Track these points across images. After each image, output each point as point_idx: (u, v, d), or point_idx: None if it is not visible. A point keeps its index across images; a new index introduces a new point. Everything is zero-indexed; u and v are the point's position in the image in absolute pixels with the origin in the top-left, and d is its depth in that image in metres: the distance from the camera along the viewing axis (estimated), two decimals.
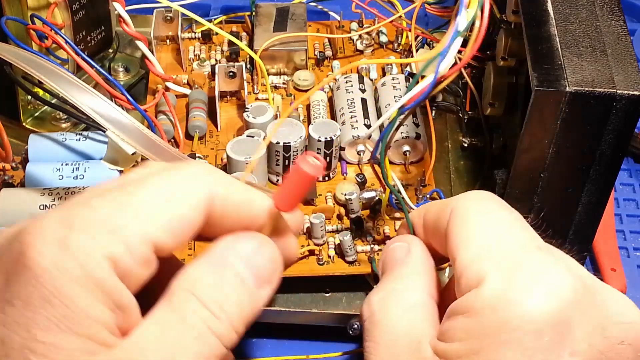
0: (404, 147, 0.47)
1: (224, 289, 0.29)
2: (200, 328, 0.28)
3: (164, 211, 0.28)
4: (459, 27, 0.33)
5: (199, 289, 0.28)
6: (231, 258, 0.30)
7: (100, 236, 0.27)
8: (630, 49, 0.35)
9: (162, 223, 0.28)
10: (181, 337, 0.28)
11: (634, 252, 0.52)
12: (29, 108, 0.51)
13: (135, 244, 0.27)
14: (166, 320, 0.28)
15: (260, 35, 0.52)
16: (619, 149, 0.35)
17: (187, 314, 0.28)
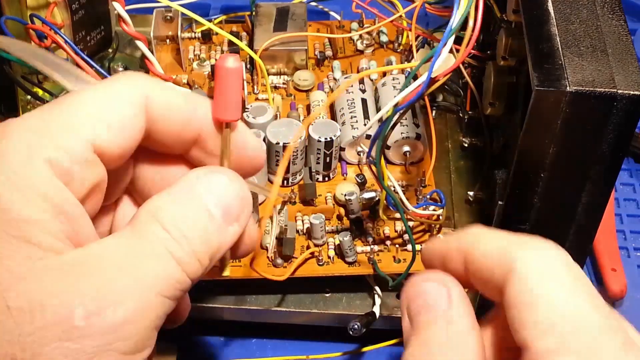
0: (404, 147, 0.47)
1: (188, 217, 0.28)
2: (160, 249, 0.27)
3: (99, 110, 0.27)
4: (452, 26, 0.33)
5: (163, 214, 0.27)
6: (199, 190, 0.28)
7: (36, 141, 0.26)
8: (630, 49, 0.35)
9: (98, 121, 0.27)
10: (139, 254, 0.27)
11: (634, 252, 0.52)
12: (28, 108, 0.51)
13: (73, 146, 0.27)
14: (126, 237, 0.27)
15: (260, 35, 0.52)
16: (619, 149, 0.35)
17: (147, 234, 0.27)
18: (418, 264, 0.43)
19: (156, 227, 0.27)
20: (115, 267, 0.26)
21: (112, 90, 0.28)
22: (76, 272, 0.26)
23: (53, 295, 0.25)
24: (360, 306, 0.44)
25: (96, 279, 0.26)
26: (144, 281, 0.26)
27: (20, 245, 0.25)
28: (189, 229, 0.28)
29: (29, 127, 0.27)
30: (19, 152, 0.26)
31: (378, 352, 0.45)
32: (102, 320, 0.25)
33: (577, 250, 0.39)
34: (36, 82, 0.49)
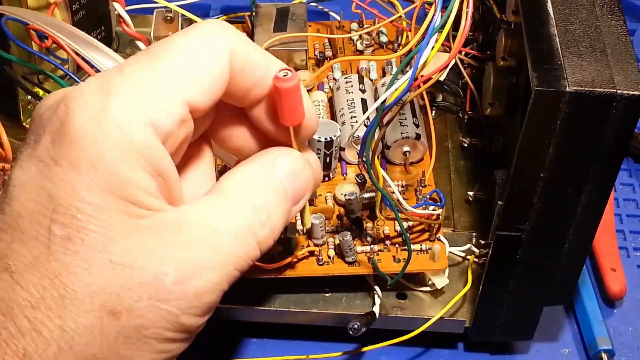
0: (404, 147, 0.47)
1: (271, 200, 0.31)
2: (246, 230, 0.30)
3: (193, 69, 0.29)
4: (434, 24, 0.33)
5: (252, 195, 0.31)
6: (280, 173, 0.32)
7: (138, 101, 0.28)
8: (630, 49, 0.35)
9: (193, 82, 0.29)
10: (226, 229, 0.30)
11: (634, 252, 0.52)
12: (29, 108, 0.51)
13: (173, 105, 0.29)
14: (216, 209, 0.30)
15: (260, 35, 0.52)
16: (619, 149, 0.35)
17: (236, 211, 0.30)
18: (417, 263, 0.43)
19: (246, 206, 0.31)
20: (203, 238, 0.29)
21: (204, 46, 0.30)
22: (169, 235, 0.29)
23: (149, 255, 0.28)
24: (360, 306, 0.44)
25: (186, 246, 0.29)
26: (226, 256, 0.29)
27: (122, 204, 0.28)
28: (273, 211, 0.31)
29: (132, 85, 0.28)
30: (123, 111, 0.28)
31: (378, 352, 0.46)
32: (188, 288, 0.28)
33: (576, 250, 0.39)
34: (36, 82, 0.49)
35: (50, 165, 0.28)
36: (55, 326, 0.27)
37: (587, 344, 0.47)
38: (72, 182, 0.27)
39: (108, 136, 0.28)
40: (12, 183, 0.29)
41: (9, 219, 0.28)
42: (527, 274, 0.40)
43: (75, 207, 0.27)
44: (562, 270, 0.40)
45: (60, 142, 0.28)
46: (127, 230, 0.28)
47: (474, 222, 0.48)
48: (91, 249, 0.27)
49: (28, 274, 0.27)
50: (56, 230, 0.27)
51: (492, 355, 0.47)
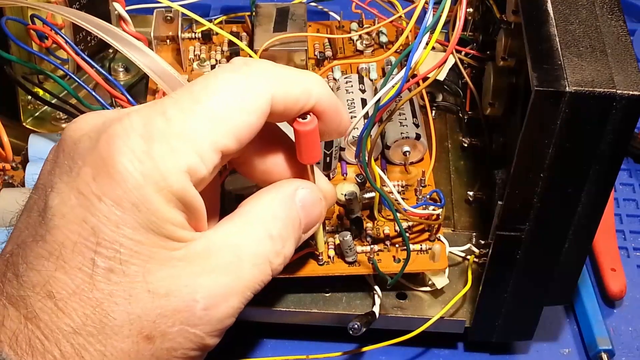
0: (404, 147, 0.47)
1: (288, 230, 0.34)
2: (263, 258, 0.33)
3: (231, 119, 0.31)
4: (427, 22, 0.33)
5: (271, 225, 0.34)
6: (298, 204, 0.35)
7: (179, 148, 0.30)
8: (630, 49, 0.35)
9: (230, 131, 0.31)
10: (246, 258, 0.33)
11: (633, 252, 0.52)
12: (29, 108, 0.51)
13: (208, 154, 0.31)
14: (237, 236, 0.33)
15: (260, 35, 0.52)
16: (618, 149, 0.35)
17: (255, 240, 0.33)
18: (417, 263, 0.43)
19: (264, 235, 0.33)
20: (227, 265, 0.32)
21: (246, 94, 0.32)
22: (199, 264, 0.31)
23: (183, 284, 0.31)
24: (360, 306, 0.44)
25: (213, 273, 0.32)
26: (246, 282, 0.33)
27: (160, 239, 0.30)
28: (287, 241, 0.34)
29: (174, 132, 0.30)
30: (164, 160, 0.30)
31: (378, 352, 0.46)
32: (215, 314, 0.32)
33: (576, 250, 0.39)
34: (36, 82, 0.49)
35: (93, 201, 0.30)
36: (96, 351, 0.29)
37: (587, 344, 0.47)
38: (116, 220, 0.30)
39: (150, 181, 0.30)
40: (51, 212, 0.30)
41: (50, 247, 0.30)
42: (527, 274, 0.40)
43: (119, 243, 0.30)
44: (562, 270, 0.40)
45: (104, 180, 0.30)
46: (163, 262, 0.31)
47: (474, 222, 0.48)
48: (131, 280, 0.30)
49: (71, 302, 0.29)
50: (99, 262, 0.30)
51: (492, 355, 0.47)
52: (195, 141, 0.31)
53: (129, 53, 0.39)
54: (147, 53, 0.39)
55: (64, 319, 0.29)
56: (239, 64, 0.33)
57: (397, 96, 0.35)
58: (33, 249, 0.30)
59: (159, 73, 0.38)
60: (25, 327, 0.29)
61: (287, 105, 0.33)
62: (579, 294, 0.48)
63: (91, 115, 0.33)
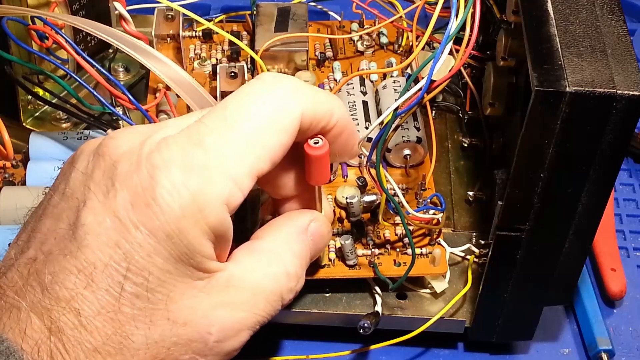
0: (405, 150, 0.47)
1: (300, 264, 0.35)
2: (276, 294, 0.34)
3: (266, 142, 0.32)
4: (450, 31, 0.33)
5: (286, 261, 0.35)
6: (310, 237, 0.36)
7: (217, 179, 0.31)
8: (630, 49, 0.35)
9: (265, 154, 0.32)
10: (260, 293, 0.34)
11: (633, 252, 0.52)
12: (29, 108, 0.51)
13: (245, 180, 0.32)
14: (256, 272, 0.34)
15: (261, 35, 0.52)
16: (619, 149, 0.35)
17: (270, 276, 0.34)
18: (417, 267, 0.43)
19: (281, 273, 0.35)
20: (244, 300, 0.33)
21: (278, 114, 0.33)
22: (219, 297, 0.32)
23: (202, 316, 0.32)
24: (360, 306, 0.44)
25: (230, 307, 0.33)
26: (258, 317, 0.34)
27: (188, 269, 0.31)
28: (302, 277, 0.36)
29: (212, 162, 0.31)
30: (203, 192, 0.31)
31: (378, 352, 0.46)
32: (225, 347, 0.33)
33: (576, 250, 0.39)
34: (36, 82, 0.49)
35: (129, 228, 0.30)
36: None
37: (587, 344, 0.47)
38: (149, 249, 0.30)
39: (188, 214, 0.30)
40: (84, 230, 0.31)
41: (81, 265, 0.30)
42: (527, 274, 0.40)
43: (148, 271, 0.30)
44: (562, 270, 0.40)
45: (141, 208, 0.30)
46: (185, 291, 0.31)
47: (474, 222, 0.48)
48: (154, 306, 0.31)
49: (95, 321, 0.30)
50: (127, 287, 0.30)
51: (492, 355, 0.47)
52: (233, 170, 0.31)
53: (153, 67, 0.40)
54: (171, 66, 0.40)
55: (87, 336, 0.30)
56: (269, 81, 0.34)
57: (418, 104, 0.35)
58: (61, 262, 0.31)
59: (183, 87, 0.39)
60: (48, 339, 0.29)
61: (313, 123, 0.34)
62: (579, 294, 0.48)
63: (130, 132, 0.33)
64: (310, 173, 0.35)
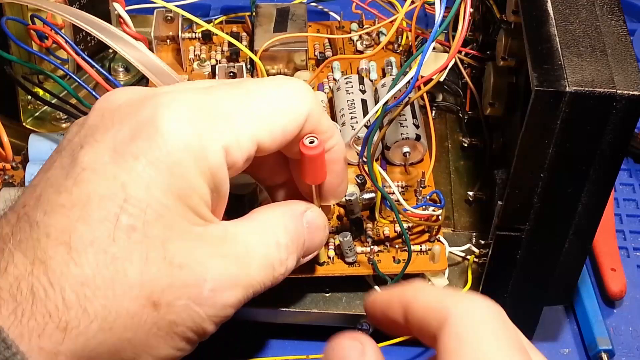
0: (404, 148, 0.47)
1: (294, 241, 0.35)
2: (268, 263, 0.34)
3: (273, 119, 0.33)
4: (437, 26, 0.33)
5: (281, 237, 0.34)
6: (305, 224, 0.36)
7: (222, 128, 0.31)
8: (630, 49, 0.35)
9: (270, 129, 0.33)
10: (254, 258, 0.33)
11: (633, 252, 0.52)
12: (29, 108, 0.51)
13: (246, 141, 0.32)
14: (251, 233, 0.34)
15: (260, 35, 0.52)
16: (618, 149, 0.35)
17: (265, 247, 0.34)
18: (417, 264, 0.43)
19: (272, 242, 0.34)
20: (238, 256, 0.32)
21: (291, 100, 0.34)
22: (214, 247, 0.32)
23: (197, 261, 0.31)
24: (360, 306, 0.44)
25: (225, 260, 0.32)
26: (251, 279, 0.33)
27: (185, 210, 0.31)
28: (290, 255, 0.35)
29: (221, 111, 0.32)
30: (208, 131, 0.31)
31: None
32: (219, 298, 0.32)
33: (576, 250, 0.39)
34: (36, 82, 0.49)
35: (127, 160, 0.30)
36: (100, 306, 0.29)
37: (587, 344, 0.47)
38: (148, 181, 0.30)
39: (190, 149, 0.30)
40: (81, 166, 0.30)
41: (75, 199, 0.29)
42: (527, 273, 0.40)
43: (146, 203, 0.30)
44: (562, 270, 0.40)
45: (143, 140, 0.30)
46: (182, 234, 0.31)
47: (474, 222, 0.48)
48: (151, 243, 0.30)
49: (86, 253, 0.29)
50: (123, 219, 0.29)
51: None
52: (238, 126, 0.32)
53: (123, 50, 0.40)
54: (144, 52, 0.39)
55: (75, 269, 0.29)
56: (285, 78, 0.35)
57: (405, 99, 0.35)
58: (54, 199, 0.30)
59: (155, 72, 0.39)
60: (31, 274, 0.28)
61: (316, 127, 0.34)
62: (579, 294, 0.48)
63: (128, 88, 0.34)
64: (306, 172, 0.36)
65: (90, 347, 0.29)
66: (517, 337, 0.29)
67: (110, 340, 0.29)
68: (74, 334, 0.29)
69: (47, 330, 0.28)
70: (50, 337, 0.28)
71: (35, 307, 0.28)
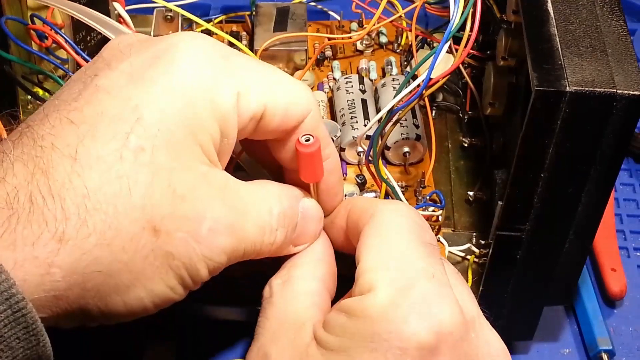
0: (404, 148, 0.47)
1: (285, 219, 0.35)
2: (263, 222, 0.34)
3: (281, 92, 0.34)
4: (452, 27, 0.33)
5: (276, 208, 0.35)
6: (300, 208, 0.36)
7: (237, 76, 0.32)
8: (630, 49, 0.35)
9: (276, 98, 0.33)
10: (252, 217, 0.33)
11: (634, 252, 0.52)
12: (28, 108, 0.51)
13: (255, 96, 0.32)
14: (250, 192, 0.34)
15: (260, 35, 0.52)
16: (619, 149, 0.35)
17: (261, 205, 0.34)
18: None
19: (266, 209, 0.34)
20: (237, 207, 0.33)
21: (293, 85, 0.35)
22: (216, 190, 0.32)
23: (198, 198, 0.31)
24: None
25: (225, 206, 0.32)
26: (245, 234, 0.33)
27: (194, 145, 0.31)
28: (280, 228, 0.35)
29: (236, 63, 0.32)
30: (224, 75, 0.31)
31: None
32: (216, 240, 0.32)
33: (577, 250, 0.39)
34: (36, 81, 0.49)
35: (145, 81, 0.30)
36: (100, 220, 0.28)
37: (587, 344, 0.47)
38: (163, 105, 0.30)
39: (205, 87, 0.31)
40: (95, 88, 0.30)
41: (85, 117, 0.29)
42: (527, 274, 0.40)
43: (157, 127, 0.29)
44: (563, 271, 0.40)
45: (162, 67, 0.30)
46: (187, 168, 0.30)
47: (474, 222, 0.48)
48: (157, 167, 0.29)
49: (89, 168, 0.28)
50: (132, 139, 0.29)
51: None
52: (250, 80, 0.32)
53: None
54: None
55: (77, 181, 0.28)
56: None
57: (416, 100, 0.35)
58: (63, 116, 0.29)
59: None
60: (30, 183, 0.28)
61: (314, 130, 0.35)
62: (580, 294, 0.48)
63: (146, 36, 0.34)
64: (302, 170, 0.36)
65: (85, 262, 0.28)
66: (427, 237, 0.34)
67: (106, 259, 0.29)
68: (70, 246, 0.28)
69: (42, 239, 0.27)
70: (45, 246, 0.27)
71: (32, 215, 0.28)
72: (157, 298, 0.31)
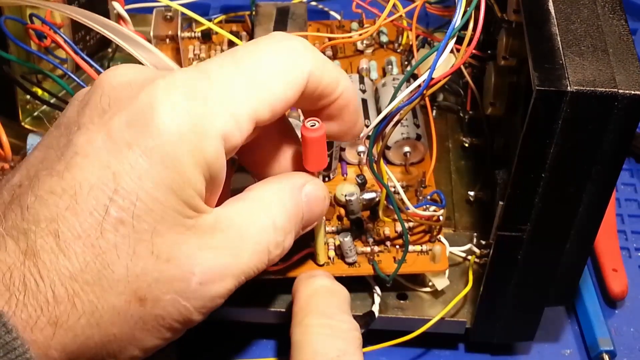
0: (405, 148, 0.47)
1: (291, 222, 0.34)
2: (262, 247, 0.33)
3: (270, 89, 0.32)
4: (455, 26, 0.33)
5: (276, 217, 0.34)
6: (304, 198, 0.35)
7: (218, 112, 0.30)
8: (632, 49, 0.35)
9: (267, 100, 0.31)
10: (247, 244, 0.33)
11: (635, 253, 0.52)
12: (27, 108, 0.51)
13: (244, 121, 0.31)
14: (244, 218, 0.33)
15: (260, 34, 0.51)
16: (620, 148, 0.35)
17: (257, 229, 0.33)
18: (418, 264, 0.43)
19: (268, 224, 0.33)
20: (230, 245, 0.32)
21: (286, 64, 0.32)
22: (205, 238, 0.31)
23: (186, 255, 0.30)
24: (360, 306, 0.44)
25: (215, 251, 0.31)
26: (243, 266, 0.32)
27: (177, 202, 0.30)
28: (288, 234, 0.34)
29: (216, 94, 0.30)
30: (203, 120, 0.30)
31: (378, 352, 0.45)
32: (208, 290, 0.31)
33: (578, 250, 0.39)
34: (35, 81, 0.49)
35: (121, 148, 0.29)
36: (89, 301, 0.29)
37: (588, 345, 0.47)
38: (140, 172, 0.29)
39: (185, 140, 0.29)
40: (74, 150, 0.30)
41: (66, 185, 0.29)
42: (528, 274, 0.40)
43: (136, 195, 0.29)
44: (564, 271, 0.40)
45: (137, 129, 0.29)
46: (172, 227, 0.30)
47: (475, 222, 0.48)
48: (139, 236, 0.29)
49: (74, 245, 0.29)
50: (112, 211, 0.29)
51: (493, 356, 0.46)
52: (235, 107, 0.31)
53: (133, 50, 0.39)
54: (150, 49, 0.39)
55: (64, 262, 0.28)
56: (281, 37, 0.33)
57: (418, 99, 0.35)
58: (46, 182, 0.29)
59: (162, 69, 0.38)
60: (22, 264, 0.28)
61: (319, 88, 0.33)
62: (581, 295, 0.48)
63: (132, 66, 0.33)
64: (307, 157, 0.35)
65: (78, 342, 0.29)
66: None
67: (97, 335, 0.29)
68: (64, 329, 0.29)
69: (39, 324, 0.28)
70: (42, 330, 0.28)
71: (27, 299, 0.28)
72: (152, 349, 0.32)
